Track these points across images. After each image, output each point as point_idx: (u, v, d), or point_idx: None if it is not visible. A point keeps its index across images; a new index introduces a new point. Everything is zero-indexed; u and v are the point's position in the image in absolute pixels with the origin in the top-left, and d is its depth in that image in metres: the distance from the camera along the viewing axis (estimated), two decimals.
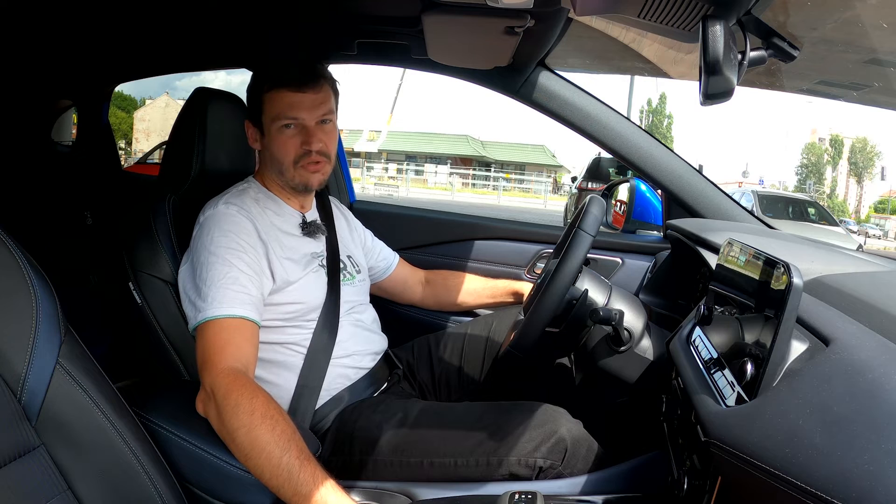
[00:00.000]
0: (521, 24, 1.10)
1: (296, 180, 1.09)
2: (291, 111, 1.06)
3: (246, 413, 0.81)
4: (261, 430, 0.80)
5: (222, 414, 0.82)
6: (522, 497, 0.86)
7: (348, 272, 1.18)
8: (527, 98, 1.51)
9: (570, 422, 1.04)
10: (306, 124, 1.07)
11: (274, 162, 1.09)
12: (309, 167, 1.08)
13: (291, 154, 1.07)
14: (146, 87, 46.06)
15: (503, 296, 1.44)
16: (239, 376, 0.86)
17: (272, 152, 1.09)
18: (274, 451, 0.79)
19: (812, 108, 54.13)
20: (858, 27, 1.79)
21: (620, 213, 1.79)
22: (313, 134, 1.07)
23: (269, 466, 0.79)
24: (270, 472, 0.79)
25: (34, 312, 0.66)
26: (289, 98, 1.05)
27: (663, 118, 38.59)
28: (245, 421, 0.81)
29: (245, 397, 0.83)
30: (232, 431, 0.81)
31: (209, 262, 0.95)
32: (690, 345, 0.84)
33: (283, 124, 1.06)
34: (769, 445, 0.51)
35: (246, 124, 1.13)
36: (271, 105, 1.06)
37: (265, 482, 0.80)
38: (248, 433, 0.80)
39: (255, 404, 0.82)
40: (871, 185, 41.81)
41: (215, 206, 1.03)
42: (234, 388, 0.84)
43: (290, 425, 0.83)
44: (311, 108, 1.07)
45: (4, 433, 0.62)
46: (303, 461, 0.79)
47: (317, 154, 1.07)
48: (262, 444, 0.80)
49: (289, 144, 1.07)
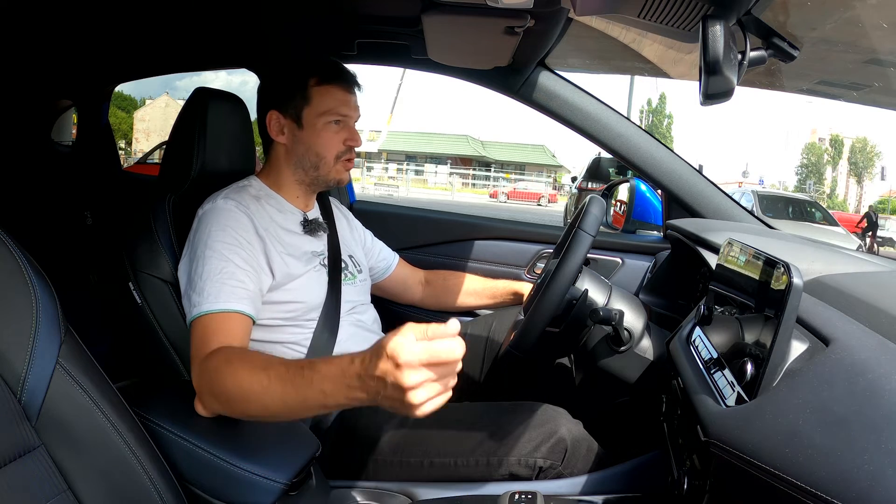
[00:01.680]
0: (521, 23, 1.10)
1: (331, 175, 1.12)
2: (344, 108, 1.09)
3: (228, 371, 0.79)
4: (241, 373, 0.78)
5: (214, 386, 0.80)
6: (522, 497, 0.86)
7: (350, 272, 1.18)
8: (527, 98, 1.51)
9: (570, 422, 1.04)
10: (350, 124, 1.11)
11: (310, 155, 1.10)
12: (347, 164, 1.13)
13: (335, 149, 1.10)
14: (146, 87, 46.10)
15: (503, 296, 1.44)
16: (210, 354, 0.84)
17: (312, 146, 1.09)
18: (258, 386, 0.76)
19: (812, 108, 54.12)
20: (858, 27, 1.79)
21: (620, 213, 1.79)
22: (356, 133, 1.12)
23: (272, 400, 0.76)
24: (277, 405, 0.76)
25: (34, 312, 0.66)
26: (342, 95, 1.09)
27: (663, 118, 38.60)
28: (227, 378, 0.79)
29: (218, 359, 0.82)
30: (228, 393, 0.79)
31: (206, 257, 0.95)
32: (690, 345, 0.84)
33: (332, 119, 1.09)
34: (769, 445, 0.51)
35: (271, 115, 1.10)
36: (322, 99, 1.08)
37: (287, 415, 0.78)
38: (237, 387, 0.78)
39: (231, 357, 0.81)
40: (871, 185, 41.81)
41: (214, 200, 1.03)
42: (212, 358, 0.83)
43: (262, 355, 0.81)
44: (356, 108, 1.12)
45: (4, 433, 0.62)
46: (284, 378, 0.75)
47: (353, 152, 1.13)
48: (248, 384, 0.77)
49: (334, 140, 1.10)
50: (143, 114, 35.20)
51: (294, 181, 1.13)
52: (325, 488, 0.95)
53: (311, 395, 0.73)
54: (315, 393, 0.73)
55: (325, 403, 0.73)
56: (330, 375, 0.72)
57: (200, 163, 1.10)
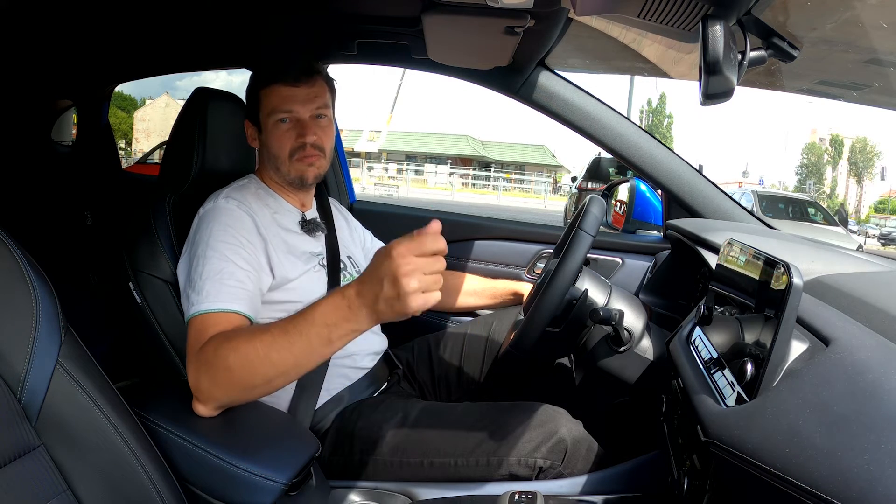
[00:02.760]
0: (521, 24, 1.10)
1: (291, 174, 1.10)
2: (286, 104, 1.07)
3: (228, 347, 0.82)
4: (231, 359, 0.81)
5: (214, 369, 0.82)
6: (522, 497, 0.86)
7: (349, 272, 1.18)
8: (527, 98, 1.51)
9: (571, 422, 1.04)
10: (301, 117, 1.08)
11: (270, 157, 1.10)
12: (304, 160, 1.09)
13: (287, 147, 1.08)
14: (146, 87, 46.14)
15: (503, 296, 1.44)
16: (202, 346, 0.85)
17: (269, 147, 1.10)
18: (255, 360, 0.80)
19: (812, 108, 54.22)
20: (858, 27, 1.79)
21: (620, 213, 1.79)
22: (308, 127, 1.08)
23: (279, 356, 0.79)
24: (285, 359, 0.79)
25: (34, 312, 0.66)
26: (284, 92, 1.07)
27: (663, 118, 38.59)
28: (227, 353, 0.81)
29: (213, 342, 0.84)
30: (231, 368, 0.81)
31: (206, 256, 0.95)
32: (690, 345, 0.84)
33: (278, 118, 1.08)
34: (769, 445, 0.51)
35: (245, 123, 1.14)
36: (267, 100, 1.08)
37: (294, 367, 0.81)
38: (231, 372, 0.81)
39: (217, 345, 0.83)
40: (871, 185, 41.83)
41: (215, 199, 1.04)
42: (207, 346, 0.84)
43: (246, 335, 0.83)
44: (305, 101, 1.08)
45: (4, 433, 0.62)
46: (277, 338, 0.79)
47: (311, 147, 1.08)
48: (251, 348, 0.80)
49: (284, 138, 1.08)
50: (143, 114, 35.19)
51: (276, 183, 1.14)
52: (325, 488, 0.95)
53: (315, 334, 0.77)
54: (319, 329, 0.77)
55: (329, 338, 0.77)
56: (331, 304, 0.77)
57: (200, 163, 1.11)
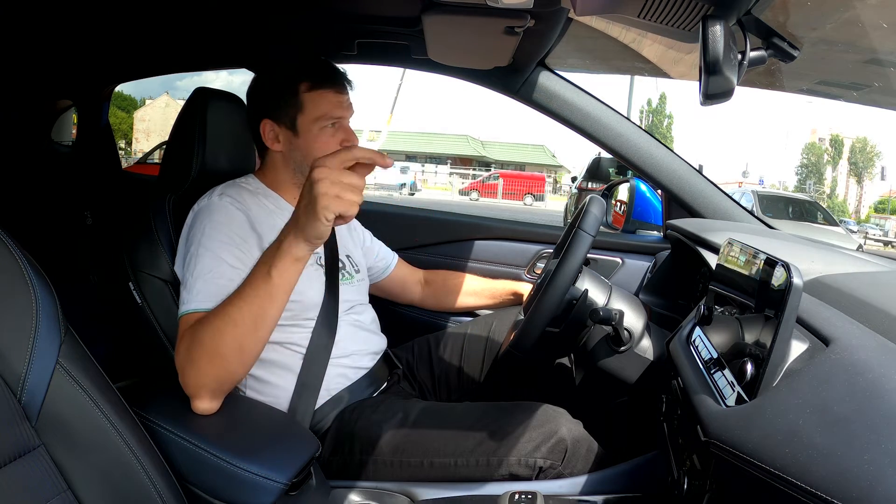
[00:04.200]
0: (521, 23, 1.10)
1: None
2: (337, 111, 1.09)
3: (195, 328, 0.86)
4: (203, 333, 0.85)
5: (195, 354, 0.85)
6: (522, 497, 0.86)
7: (347, 272, 1.18)
8: (527, 98, 1.51)
9: (570, 422, 1.04)
10: (345, 124, 1.11)
11: (308, 160, 1.08)
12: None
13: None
14: (146, 87, 46.13)
15: (503, 296, 1.44)
16: (179, 341, 0.89)
17: (310, 151, 1.08)
18: (220, 323, 0.85)
19: (812, 108, 54.20)
20: (858, 27, 1.79)
21: (620, 213, 1.79)
22: (350, 132, 1.12)
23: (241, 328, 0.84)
24: (245, 324, 0.84)
25: (34, 312, 0.65)
26: (335, 98, 1.09)
27: (663, 118, 38.58)
28: (198, 330, 0.86)
29: (185, 339, 0.87)
30: (207, 360, 0.85)
31: (198, 255, 0.95)
32: (690, 345, 0.84)
33: (328, 124, 1.08)
34: (769, 445, 0.51)
35: (264, 124, 1.10)
36: (315, 105, 1.07)
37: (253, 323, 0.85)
38: (206, 346, 0.85)
39: (191, 330, 0.87)
40: (871, 186, 41.81)
41: (210, 196, 1.03)
42: (179, 349, 0.87)
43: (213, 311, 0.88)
44: (349, 107, 1.12)
45: (4, 433, 0.62)
46: (232, 297, 0.86)
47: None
48: (214, 334, 0.84)
49: (331, 143, 1.09)
50: (143, 114, 35.19)
51: (293, 184, 1.12)
52: (324, 488, 0.95)
53: (256, 274, 0.85)
54: (258, 268, 0.85)
55: (269, 273, 0.83)
56: (272, 247, 0.84)
57: (200, 163, 1.10)
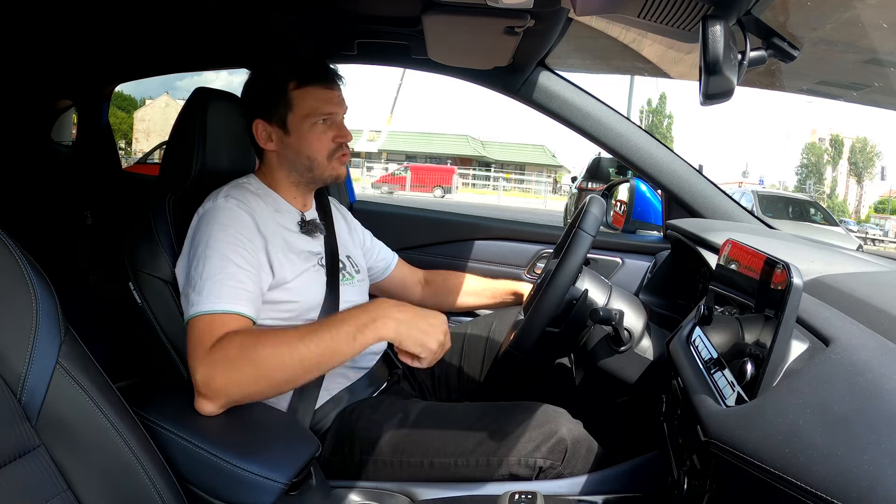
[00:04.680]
0: (521, 23, 1.10)
1: (327, 174, 1.12)
2: (327, 106, 1.08)
3: (250, 343, 0.86)
4: (261, 352, 0.85)
5: (237, 367, 0.85)
6: (522, 497, 0.86)
7: (347, 272, 1.18)
8: (527, 98, 1.51)
9: (571, 422, 1.04)
10: (337, 120, 1.10)
11: (301, 159, 1.09)
12: (341, 160, 1.12)
13: (326, 149, 1.10)
14: (146, 87, 46.10)
15: (503, 296, 1.44)
16: (215, 344, 0.88)
17: (302, 149, 1.09)
18: (286, 352, 0.86)
19: (812, 108, 54.22)
20: (858, 27, 1.79)
21: (620, 213, 1.79)
22: (343, 128, 1.11)
23: (301, 365, 0.86)
24: (307, 366, 0.87)
25: (34, 312, 0.65)
26: (323, 94, 1.08)
27: (663, 118, 38.57)
28: (254, 347, 0.86)
29: (234, 339, 0.87)
30: (252, 377, 0.85)
31: (206, 256, 0.95)
32: (690, 345, 0.84)
33: (317, 120, 1.08)
34: (769, 445, 0.51)
35: (257, 124, 1.10)
36: (303, 102, 1.07)
37: (315, 367, 0.88)
38: (257, 366, 0.85)
39: (242, 340, 0.87)
40: (871, 186, 41.80)
41: (215, 199, 1.03)
42: (217, 355, 0.86)
43: (276, 330, 0.90)
44: (340, 103, 1.11)
45: (4, 433, 0.62)
46: (306, 334, 0.87)
47: (345, 147, 1.12)
48: (273, 359, 0.85)
49: (323, 140, 1.09)
50: (144, 114, 35.18)
51: (290, 183, 1.13)
52: (325, 488, 0.95)
53: (344, 331, 0.87)
54: (348, 327, 0.87)
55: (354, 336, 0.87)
56: (363, 307, 0.90)
57: (200, 163, 1.10)
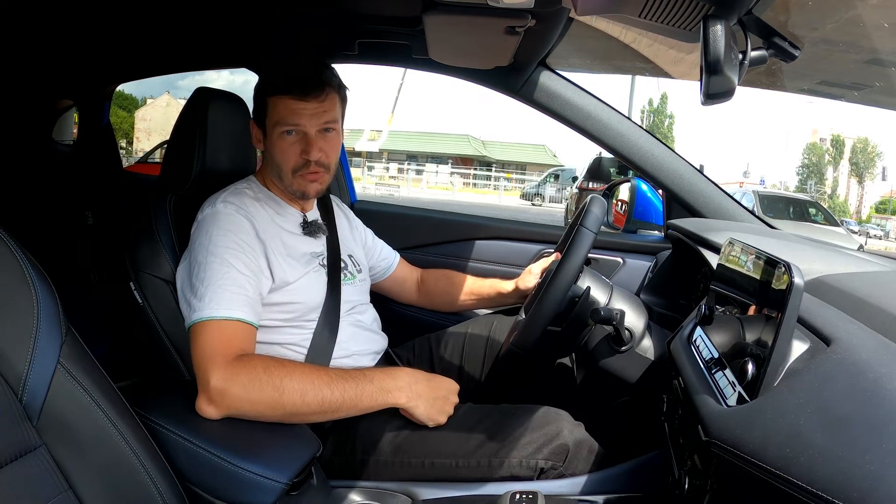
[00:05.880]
0: (522, 23, 1.10)
1: (293, 187, 1.09)
2: (293, 118, 1.04)
3: (277, 369, 0.90)
4: (287, 382, 0.89)
5: (257, 384, 0.88)
6: (523, 497, 0.86)
7: (349, 272, 1.18)
8: (528, 98, 1.51)
9: (572, 424, 1.04)
10: (307, 132, 1.05)
11: (273, 166, 1.09)
12: (307, 177, 1.07)
13: (291, 162, 1.06)
14: (147, 87, 46.02)
15: (489, 295, 1.41)
16: (239, 358, 0.90)
17: (273, 156, 1.08)
18: (309, 390, 0.90)
19: (813, 108, 54.19)
20: (859, 27, 1.79)
21: (621, 212, 1.79)
22: (313, 143, 1.05)
23: (319, 406, 0.90)
24: (324, 409, 0.91)
25: (35, 312, 0.66)
26: (292, 105, 1.04)
27: (664, 118, 38.53)
28: (281, 375, 0.89)
29: (262, 360, 0.91)
30: (270, 401, 0.88)
31: (207, 262, 0.95)
32: (691, 344, 0.84)
33: (283, 130, 1.05)
34: (770, 445, 0.51)
35: (251, 124, 1.12)
36: (274, 109, 1.05)
37: (332, 411, 0.92)
38: (280, 393, 0.88)
39: (269, 365, 0.90)
40: (872, 186, 41.74)
41: (213, 204, 1.03)
42: (242, 370, 0.88)
43: (303, 365, 0.96)
44: (313, 116, 1.05)
45: (5, 433, 0.62)
46: (334, 380, 0.92)
47: (315, 164, 1.06)
48: (296, 393, 0.89)
49: (288, 152, 1.06)
50: (145, 113, 35.20)
51: (278, 188, 1.13)
52: (325, 488, 0.95)
53: (369, 389, 0.95)
54: (374, 387, 0.95)
55: (376, 398, 0.95)
56: (392, 374, 1.00)
57: (201, 163, 1.11)
